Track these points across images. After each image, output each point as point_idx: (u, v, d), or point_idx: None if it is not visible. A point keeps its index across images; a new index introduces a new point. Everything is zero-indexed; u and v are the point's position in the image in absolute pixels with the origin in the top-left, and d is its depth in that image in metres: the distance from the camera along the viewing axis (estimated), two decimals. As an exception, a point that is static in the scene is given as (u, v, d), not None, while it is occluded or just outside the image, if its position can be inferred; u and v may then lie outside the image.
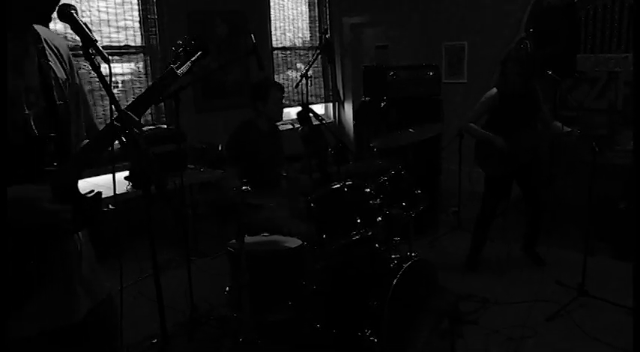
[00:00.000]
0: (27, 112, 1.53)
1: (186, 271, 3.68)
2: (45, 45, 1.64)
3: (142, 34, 5.53)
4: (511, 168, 4.34)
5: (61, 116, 1.61)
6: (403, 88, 5.06)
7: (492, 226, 4.58)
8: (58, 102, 1.60)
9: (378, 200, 3.13)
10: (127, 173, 4.14)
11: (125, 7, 5.36)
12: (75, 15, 1.56)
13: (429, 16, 7.15)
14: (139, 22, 5.51)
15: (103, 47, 1.57)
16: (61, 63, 1.69)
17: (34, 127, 1.54)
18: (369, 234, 2.99)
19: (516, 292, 4.04)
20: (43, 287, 1.55)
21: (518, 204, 4.89)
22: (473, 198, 5.28)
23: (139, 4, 5.48)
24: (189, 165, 4.93)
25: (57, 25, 3.63)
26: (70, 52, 1.76)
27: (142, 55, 5.53)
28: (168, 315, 1.80)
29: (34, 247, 1.52)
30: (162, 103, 5.42)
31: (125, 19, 5.38)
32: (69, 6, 1.56)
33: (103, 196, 1.69)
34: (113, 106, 1.58)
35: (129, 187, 4.07)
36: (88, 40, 1.55)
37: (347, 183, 3.03)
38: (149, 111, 5.37)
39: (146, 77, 5.51)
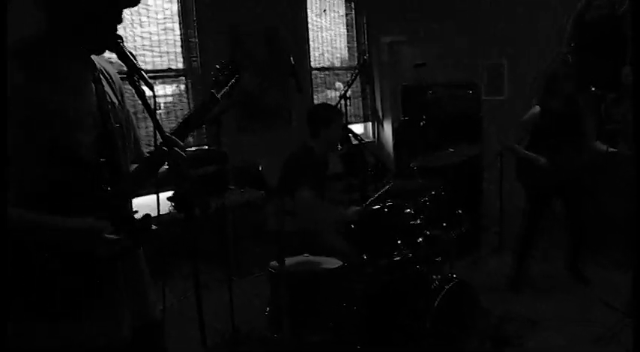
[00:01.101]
0: (86, 136, 1.59)
1: (226, 291, 3.70)
2: (100, 73, 1.71)
3: (183, 57, 5.66)
4: (553, 185, 4.25)
5: (116, 140, 1.67)
6: (442, 107, 5.04)
7: (535, 245, 4.49)
8: (113, 126, 1.66)
9: (419, 220, 3.11)
10: (169, 194, 4.21)
11: (167, 33, 5.50)
12: (121, 44, 1.62)
13: (468, 33, 7.10)
14: (181, 46, 5.64)
15: (146, 71, 1.63)
16: (112, 88, 1.75)
17: (91, 151, 1.60)
18: (410, 255, 2.97)
19: (561, 313, 3.93)
20: (95, 303, 1.60)
21: (562, 222, 4.78)
22: (514, 218, 5.18)
23: (180, 29, 5.62)
24: (230, 186, 4.98)
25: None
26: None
27: (183, 78, 5.65)
28: (209, 335, 1.83)
29: (87, 265, 1.57)
30: (204, 126, 5.51)
31: (167, 44, 5.52)
32: (116, 36, 1.63)
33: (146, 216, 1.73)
34: (157, 131, 1.63)
35: (171, 208, 4.13)
36: (133, 68, 1.60)
37: (388, 204, 3.02)
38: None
39: (187, 99, 5.62)
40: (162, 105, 5.44)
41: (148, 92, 1.61)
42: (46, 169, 1.53)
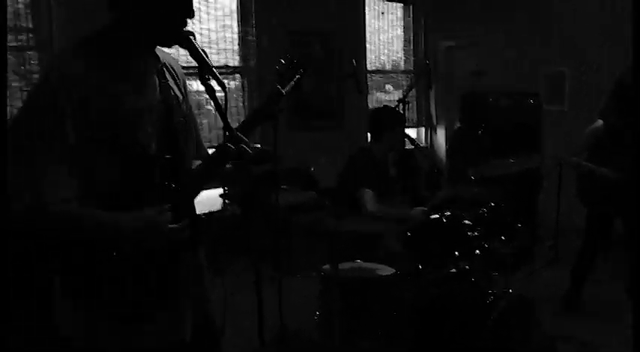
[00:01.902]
0: (150, 130, 1.57)
1: (275, 289, 3.67)
2: (164, 67, 1.69)
3: (239, 55, 5.69)
4: (615, 203, 4.07)
5: (179, 135, 1.66)
6: (502, 116, 4.91)
7: (594, 264, 4.31)
8: (176, 121, 1.65)
9: (477, 232, 3.02)
10: (221, 191, 4.22)
11: (225, 30, 5.54)
12: (193, 40, 1.60)
13: (527, 41, 6.91)
14: (238, 44, 5.68)
15: None
16: (177, 83, 1.74)
17: (155, 145, 1.58)
18: (467, 267, 2.89)
19: (619, 338, 3.76)
20: (162, 303, 1.59)
21: (623, 243, 4.59)
22: (572, 232, 5.01)
23: (238, 27, 5.65)
24: (282, 186, 4.97)
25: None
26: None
27: (238, 75, 5.68)
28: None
29: (154, 265, 1.55)
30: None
31: (225, 41, 5.55)
32: (188, 31, 1.60)
33: (199, 212, 1.72)
34: (225, 128, 1.60)
35: (225, 205, 4.14)
36: (204, 65, 1.58)
37: (445, 214, 2.94)
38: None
39: (242, 96, 5.65)
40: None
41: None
42: (109, 164, 1.52)
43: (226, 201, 4.17)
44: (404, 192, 4.21)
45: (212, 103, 1.62)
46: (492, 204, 3.32)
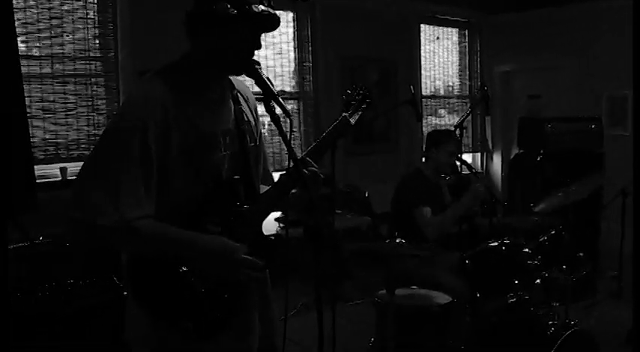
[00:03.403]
0: (223, 153, 1.64)
1: (329, 314, 3.66)
2: (238, 93, 1.76)
3: (296, 80, 5.79)
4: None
5: (251, 158, 1.71)
6: (561, 141, 4.81)
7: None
8: (249, 145, 1.70)
9: (537, 261, 2.95)
10: (277, 214, 4.28)
11: (283, 56, 5.65)
12: (259, 70, 1.65)
13: (586, 63, 6.76)
14: (294, 69, 5.78)
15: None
16: (249, 108, 1.80)
17: (228, 168, 1.64)
18: (527, 297, 2.82)
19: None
20: (231, 322, 1.63)
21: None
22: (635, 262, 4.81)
23: (294, 53, 5.76)
24: (337, 210, 5.00)
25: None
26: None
27: (295, 100, 5.77)
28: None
29: (225, 286, 1.60)
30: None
31: (282, 66, 5.67)
32: (254, 61, 1.66)
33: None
34: (289, 155, 1.63)
35: (279, 228, 4.20)
36: (269, 94, 1.63)
37: (505, 242, 2.88)
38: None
39: (298, 121, 5.73)
40: (265, 123, 5.57)
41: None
42: (185, 185, 1.58)
43: (281, 224, 4.23)
44: (460, 218, 4.15)
45: (273, 130, 1.66)
46: (553, 232, 3.23)
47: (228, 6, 1.54)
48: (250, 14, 1.57)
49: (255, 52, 1.68)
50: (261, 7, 1.58)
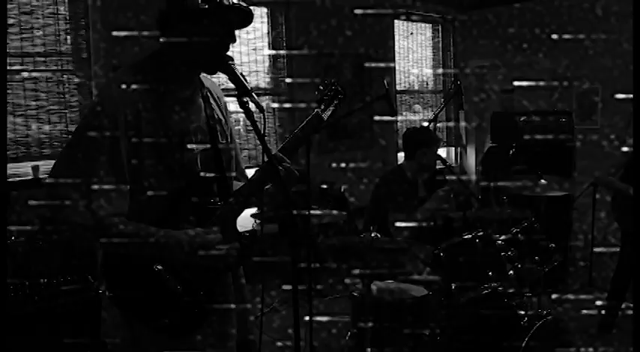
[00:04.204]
0: (195, 150, 1.63)
1: (305, 310, 3.68)
2: (208, 91, 1.76)
3: (271, 76, 5.78)
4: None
5: (223, 156, 1.71)
6: (534, 134, 4.88)
7: (630, 287, 4.21)
8: (220, 142, 1.70)
9: (510, 252, 3.00)
10: (252, 210, 4.26)
11: (257, 52, 5.64)
12: (233, 66, 1.65)
13: (557, 58, 6.86)
14: (269, 66, 5.77)
15: (231, 89, 1.66)
16: (218, 105, 1.80)
17: (199, 165, 1.64)
18: (500, 288, 2.86)
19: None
20: (208, 318, 1.64)
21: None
22: (605, 253, 4.92)
23: (269, 49, 5.74)
24: (313, 206, 5.00)
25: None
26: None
27: (269, 96, 5.76)
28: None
29: (201, 281, 1.60)
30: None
31: (256, 63, 5.65)
32: (228, 57, 1.66)
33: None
34: (264, 151, 1.64)
35: (255, 225, 4.19)
36: (243, 89, 1.63)
37: (478, 234, 2.93)
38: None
39: (273, 117, 5.72)
40: (240, 119, 5.55)
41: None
42: (157, 183, 1.58)
43: (257, 221, 4.22)
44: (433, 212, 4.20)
45: (248, 126, 1.67)
46: (525, 224, 3.29)
47: (200, 1, 1.54)
48: (222, 9, 1.56)
49: (230, 47, 1.67)
50: (233, 0, 1.58)
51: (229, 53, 1.68)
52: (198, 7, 1.54)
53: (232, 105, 1.87)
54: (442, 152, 7.28)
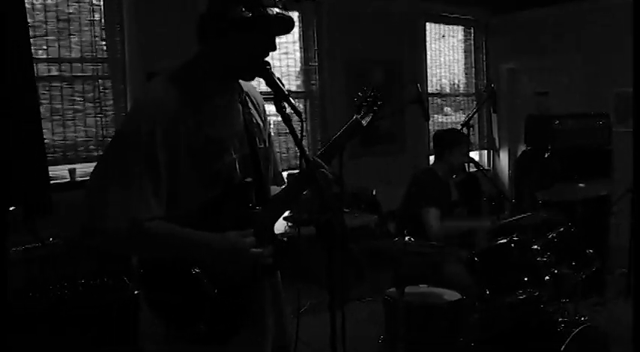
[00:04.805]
0: (234, 156, 1.63)
1: (337, 313, 3.66)
2: (246, 96, 1.76)
3: (302, 80, 5.79)
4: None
5: (262, 160, 1.71)
6: (569, 138, 4.79)
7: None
8: (259, 147, 1.70)
9: (546, 258, 2.95)
10: (286, 213, 4.28)
11: (288, 56, 5.66)
12: (270, 70, 1.65)
13: (593, 60, 6.71)
14: (300, 69, 5.78)
15: (265, 92, 1.66)
16: (257, 110, 1.80)
17: (238, 171, 1.64)
18: (536, 294, 2.81)
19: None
20: (245, 324, 1.63)
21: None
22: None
23: (300, 54, 5.76)
24: (345, 209, 4.99)
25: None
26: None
27: (301, 100, 5.78)
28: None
29: (238, 288, 1.60)
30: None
31: (288, 66, 5.67)
32: (265, 62, 1.66)
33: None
34: (301, 156, 1.64)
35: (287, 228, 4.20)
36: (281, 94, 1.63)
37: (514, 239, 2.88)
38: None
39: (305, 120, 5.74)
40: (272, 123, 5.56)
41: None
42: (196, 189, 1.58)
43: (289, 224, 4.23)
44: (467, 215, 4.15)
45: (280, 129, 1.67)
46: (562, 229, 3.23)
47: (243, 9, 1.52)
48: (266, 18, 1.55)
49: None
50: (276, 10, 1.56)
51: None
52: (243, 16, 1.52)
53: (267, 106, 1.88)
54: (475, 155, 7.21)
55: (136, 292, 2.82)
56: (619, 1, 6.09)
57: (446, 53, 6.99)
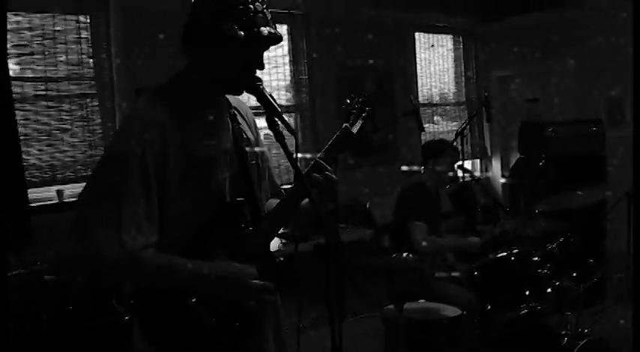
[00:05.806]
0: (225, 175, 1.58)
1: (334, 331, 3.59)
2: (235, 110, 1.70)
3: (292, 93, 5.74)
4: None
5: (254, 177, 1.65)
6: (563, 145, 4.77)
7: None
8: (250, 163, 1.64)
9: (546, 270, 2.90)
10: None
11: (278, 69, 5.61)
12: (262, 87, 1.59)
13: (583, 65, 6.70)
14: (290, 81, 5.73)
15: (255, 107, 1.60)
16: (248, 125, 1.74)
17: (229, 190, 1.58)
18: (539, 307, 2.76)
19: None
20: (245, 347, 1.57)
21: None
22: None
23: (290, 67, 5.72)
24: (340, 224, 4.93)
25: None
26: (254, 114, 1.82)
27: (291, 113, 5.72)
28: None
29: (236, 314, 1.55)
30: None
31: (278, 80, 5.62)
32: (257, 78, 1.61)
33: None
34: (296, 174, 1.58)
35: (280, 245, 4.13)
36: (273, 111, 1.57)
37: (513, 251, 2.83)
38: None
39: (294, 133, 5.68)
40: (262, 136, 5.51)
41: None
42: (187, 210, 1.52)
43: (283, 241, 4.16)
44: (464, 225, 4.10)
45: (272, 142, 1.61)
46: (561, 239, 3.18)
47: (235, 27, 1.48)
48: (258, 38, 1.51)
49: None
50: (268, 29, 1.52)
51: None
52: (235, 34, 1.48)
53: (258, 121, 1.82)
54: (467, 164, 7.16)
55: (126, 317, 2.74)
56: (608, 7, 6.12)
57: (436, 62, 6.97)
